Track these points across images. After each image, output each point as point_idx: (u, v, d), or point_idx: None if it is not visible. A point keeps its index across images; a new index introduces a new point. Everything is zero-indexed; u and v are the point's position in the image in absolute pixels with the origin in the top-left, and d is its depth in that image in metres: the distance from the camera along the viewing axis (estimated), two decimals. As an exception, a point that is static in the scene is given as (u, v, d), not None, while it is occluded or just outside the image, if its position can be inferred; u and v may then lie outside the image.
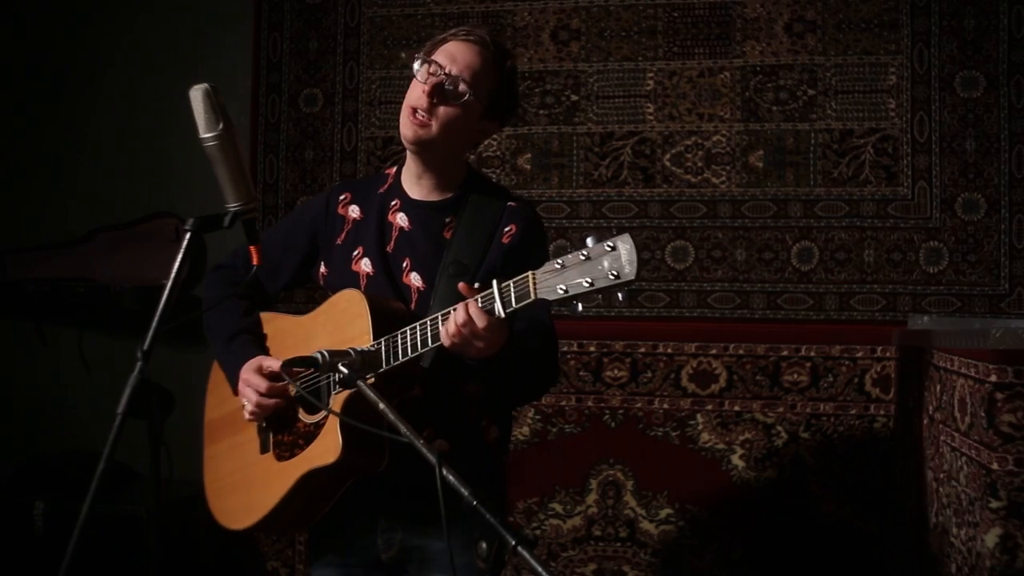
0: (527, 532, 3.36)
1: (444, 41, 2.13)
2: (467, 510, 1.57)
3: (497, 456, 2.19)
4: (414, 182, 2.19)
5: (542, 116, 3.54)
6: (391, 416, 1.70)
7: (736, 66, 3.40)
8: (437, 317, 1.91)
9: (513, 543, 1.53)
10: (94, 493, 1.62)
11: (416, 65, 2.11)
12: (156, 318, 1.69)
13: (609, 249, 1.69)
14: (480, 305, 1.84)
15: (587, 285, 1.70)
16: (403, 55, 3.63)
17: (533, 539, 3.33)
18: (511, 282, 1.81)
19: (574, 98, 3.52)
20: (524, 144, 3.55)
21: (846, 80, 3.33)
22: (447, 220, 2.14)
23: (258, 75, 3.75)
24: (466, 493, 1.58)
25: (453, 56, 2.09)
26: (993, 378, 2.22)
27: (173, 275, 1.71)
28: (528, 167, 3.54)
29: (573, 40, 3.53)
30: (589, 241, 1.72)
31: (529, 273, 1.78)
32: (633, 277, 1.67)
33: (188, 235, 1.73)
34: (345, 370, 1.80)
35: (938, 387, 2.66)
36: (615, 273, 1.68)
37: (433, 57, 2.10)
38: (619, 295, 1.71)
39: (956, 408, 2.47)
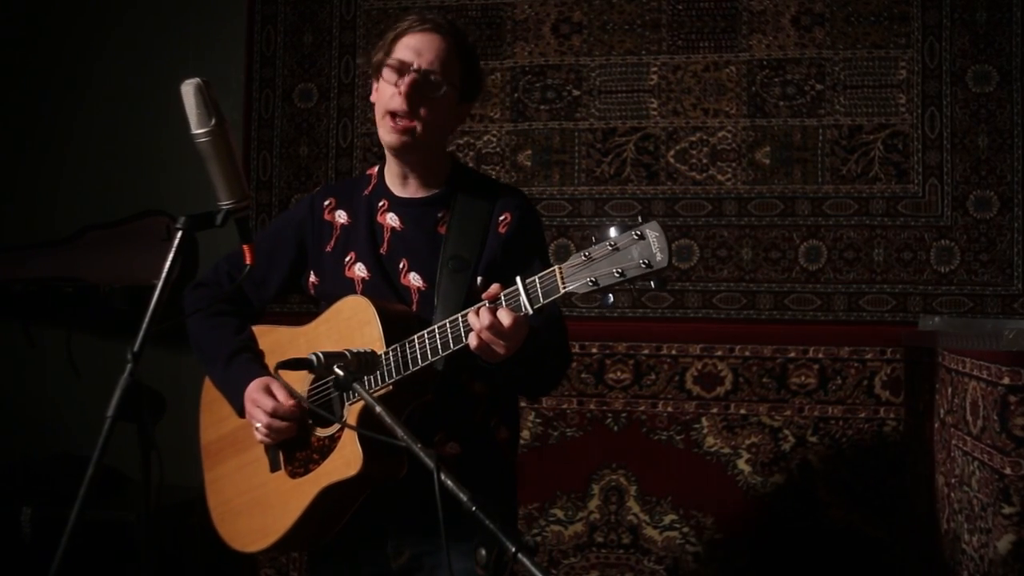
0: (528, 538, 3.31)
1: (400, 36, 2.09)
2: (466, 515, 1.54)
3: (508, 457, 2.17)
4: (399, 182, 2.17)
5: (543, 111, 3.50)
6: (388, 419, 1.67)
7: (742, 60, 3.37)
8: (457, 319, 1.88)
9: (513, 550, 1.50)
10: (83, 498, 1.59)
11: (384, 68, 2.07)
12: (147, 319, 1.67)
13: (637, 237, 1.67)
14: (505, 304, 1.81)
15: (617, 275, 1.68)
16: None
17: (534, 546, 3.27)
18: (536, 277, 1.78)
19: (576, 93, 3.48)
20: (524, 140, 3.51)
21: (855, 75, 3.30)
22: (439, 215, 2.13)
23: (251, 69, 3.73)
24: (464, 498, 1.54)
25: (418, 49, 2.06)
26: (1006, 380, 2.20)
27: (164, 275, 1.69)
28: (528, 164, 3.50)
29: (575, 33, 3.49)
30: (612, 231, 1.69)
31: (555, 267, 1.76)
32: (666, 264, 1.66)
33: (180, 234, 1.71)
34: (341, 372, 1.76)
35: (949, 390, 2.64)
36: (646, 261, 1.66)
37: (396, 55, 2.07)
38: (651, 283, 1.69)
39: (968, 411, 2.46)
